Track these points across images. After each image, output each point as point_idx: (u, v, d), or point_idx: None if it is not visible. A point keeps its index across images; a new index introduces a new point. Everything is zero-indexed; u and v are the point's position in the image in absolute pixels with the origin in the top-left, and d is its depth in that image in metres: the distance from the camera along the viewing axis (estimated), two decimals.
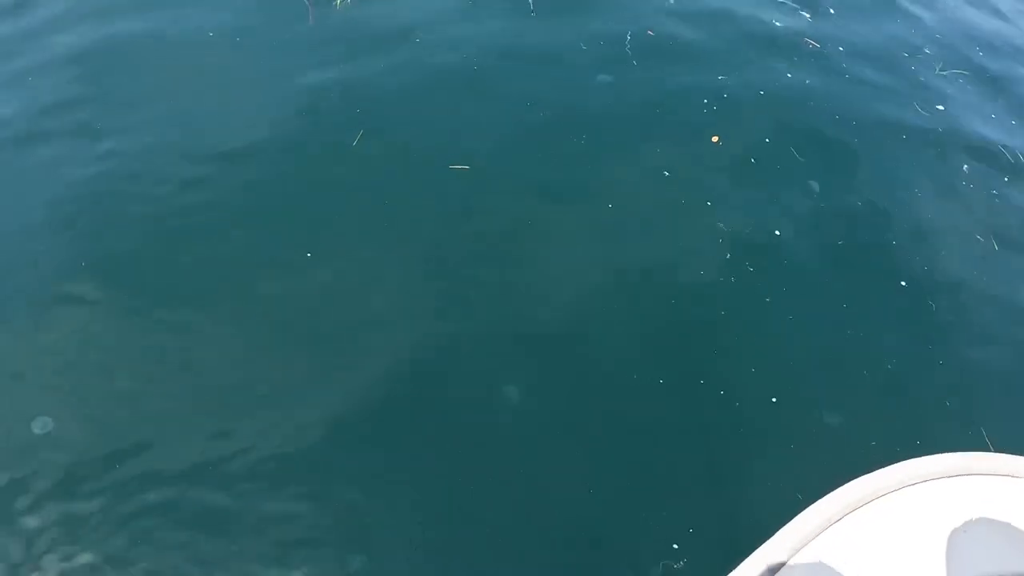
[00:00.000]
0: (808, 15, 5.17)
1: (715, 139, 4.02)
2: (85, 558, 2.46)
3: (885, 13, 5.45)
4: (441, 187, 3.64)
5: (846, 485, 1.85)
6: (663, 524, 2.72)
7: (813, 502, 1.81)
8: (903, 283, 3.65)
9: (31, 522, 2.52)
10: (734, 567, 1.72)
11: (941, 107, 4.70)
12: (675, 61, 4.54)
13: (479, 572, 2.59)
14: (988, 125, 4.69)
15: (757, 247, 3.62)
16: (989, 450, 3.06)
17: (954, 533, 1.77)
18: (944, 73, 4.99)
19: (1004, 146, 4.50)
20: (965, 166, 4.35)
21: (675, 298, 3.39)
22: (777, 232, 3.72)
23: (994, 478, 1.89)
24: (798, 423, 3.07)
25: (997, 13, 5.91)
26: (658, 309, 3.36)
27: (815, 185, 3.99)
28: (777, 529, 1.77)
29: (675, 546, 2.65)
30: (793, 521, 1.79)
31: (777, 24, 5.02)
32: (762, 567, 1.70)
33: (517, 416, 2.93)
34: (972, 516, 1.81)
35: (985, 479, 1.89)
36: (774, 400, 3.11)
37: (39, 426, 2.75)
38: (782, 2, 5.24)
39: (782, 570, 1.70)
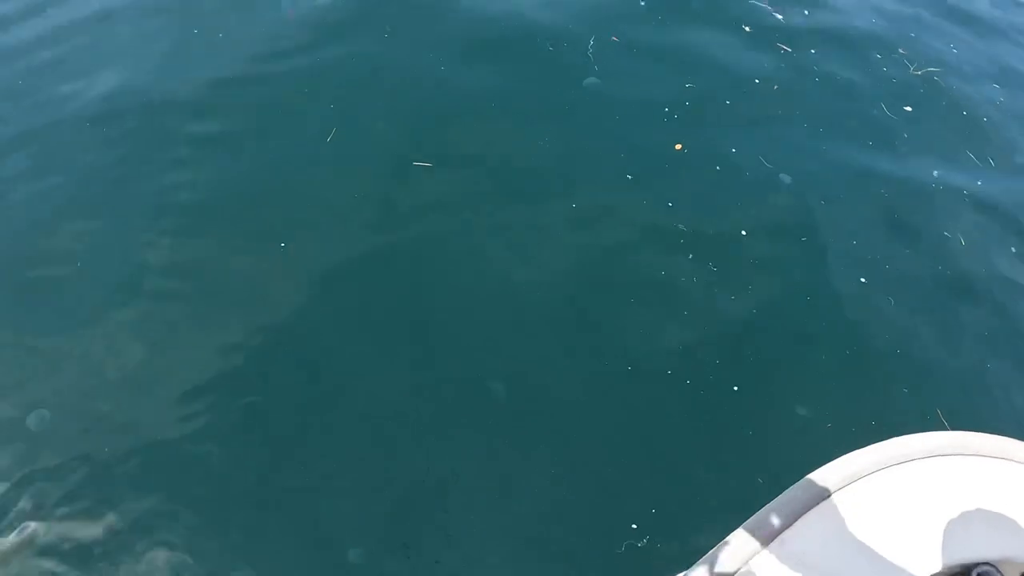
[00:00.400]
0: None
1: (678, 147, 4.18)
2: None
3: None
4: None
5: (827, 465, 1.87)
6: (626, 505, 2.89)
7: (774, 485, 1.84)
8: (863, 279, 3.78)
9: None
10: (696, 544, 1.82)
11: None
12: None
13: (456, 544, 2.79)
14: None
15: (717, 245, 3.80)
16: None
17: (936, 515, 1.79)
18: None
19: None
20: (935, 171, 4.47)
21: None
22: (743, 232, 3.88)
23: (978, 459, 1.91)
24: (759, 410, 3.22)
25: None
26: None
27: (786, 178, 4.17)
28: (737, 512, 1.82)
29: (634, 526, 2.83)
30: (776, 499, 1.81)
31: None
32: (742, 548, 1.71)
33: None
34: (954, 498, 1.82)
35: (967, 459, 1.91)
36: (736, 389, 3.27)
37: None
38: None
39: (768, 547, 1.72)
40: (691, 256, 3.71)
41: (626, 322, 3.44)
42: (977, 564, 1.56)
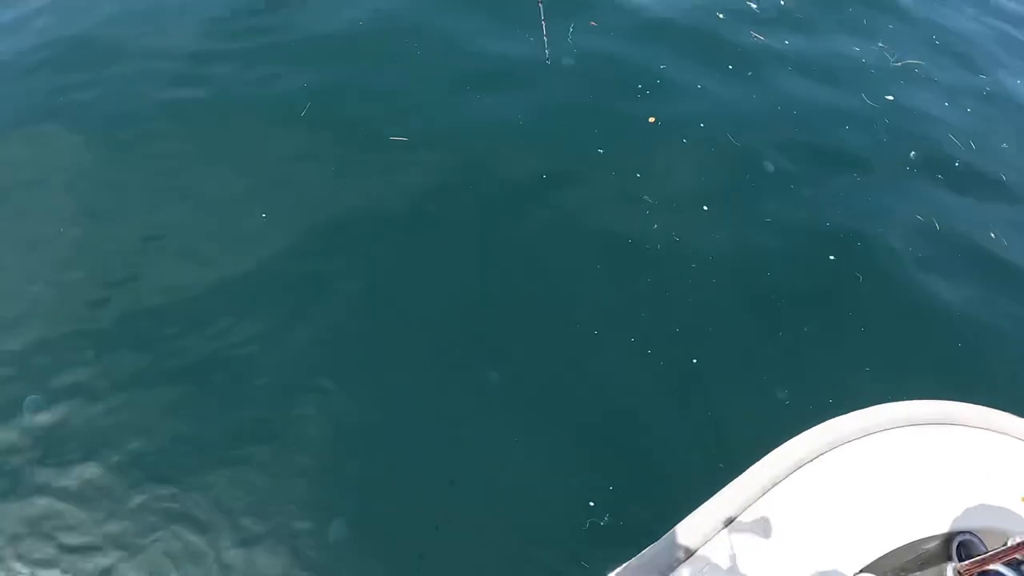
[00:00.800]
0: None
1: (652, 120, 4.10)
2: None
3: None
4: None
5: (810, 430, 1.89)
6: (585, 482, 2.74)
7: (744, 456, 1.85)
8: (831, 257, 3.67)
9: None
10: (657, 520, 1.73)
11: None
12: None
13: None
14: None
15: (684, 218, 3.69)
16: None
17: (919, 484, 1.80)
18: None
19: None
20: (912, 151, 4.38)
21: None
22: (705, 207, 3.78)
23: (961, 428, 1.93)
24: (717, 385, 3.09)
25: None
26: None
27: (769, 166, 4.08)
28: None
29: (591, 503, 2.68)
30: (764, 459, 1.83)
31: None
32: (730, 506, 1.72)
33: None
34: (938, 466, 1.84)
35: (951, 429, 1.92)
36: (695, 361, 3.14)
37: None
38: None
39: (745, 511, 1.73)
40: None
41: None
42: (959, 532, 1.58)
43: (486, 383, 2.96)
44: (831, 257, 3.66)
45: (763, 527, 1.69)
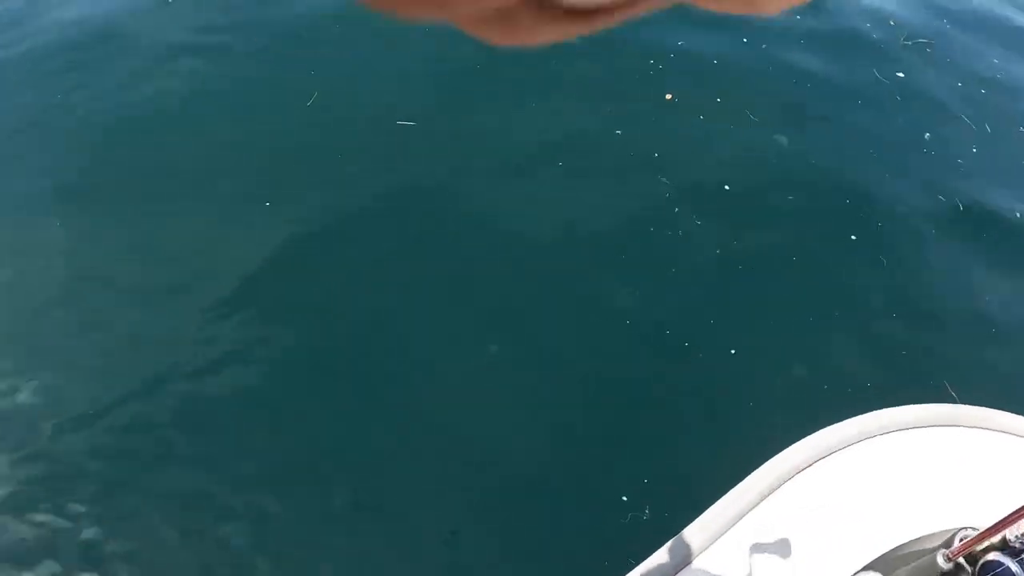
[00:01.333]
0: None
1: (669, 96, 4.00)
2: None
3: None
4: None
5: (815, 434, 1.87)
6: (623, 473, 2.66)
7: (777, 450, 1.82)
8: (853, 237, 3.62)
9: None
10: (695, 515, 1.72)
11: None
12: None
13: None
14: None
15: (706, 198, 3.61)
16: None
17: (922, 482, 1.80)
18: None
19: None
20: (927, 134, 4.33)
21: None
22: (727, 187, 3.70)
23: (963, 429, 1.92)
24: (758, 374, 3.02)
25: None
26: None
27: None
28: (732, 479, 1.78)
29: (624, 498, 2.60)
30: (764, 466, 1.81)
31: None
32: (729, 513, 1.72)
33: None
34: (940, 465, 1.84)
35: (953, 430, 1.91)
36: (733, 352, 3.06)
37: None
38: None
39: (746, 517, 1.72)
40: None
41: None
42: (961, 528, 1.57)
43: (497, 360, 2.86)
44: (852, 236, 3.62)
45: (763, 530, 1.70)
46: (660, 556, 1.68)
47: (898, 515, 1.75)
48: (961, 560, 1.50)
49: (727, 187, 3.69)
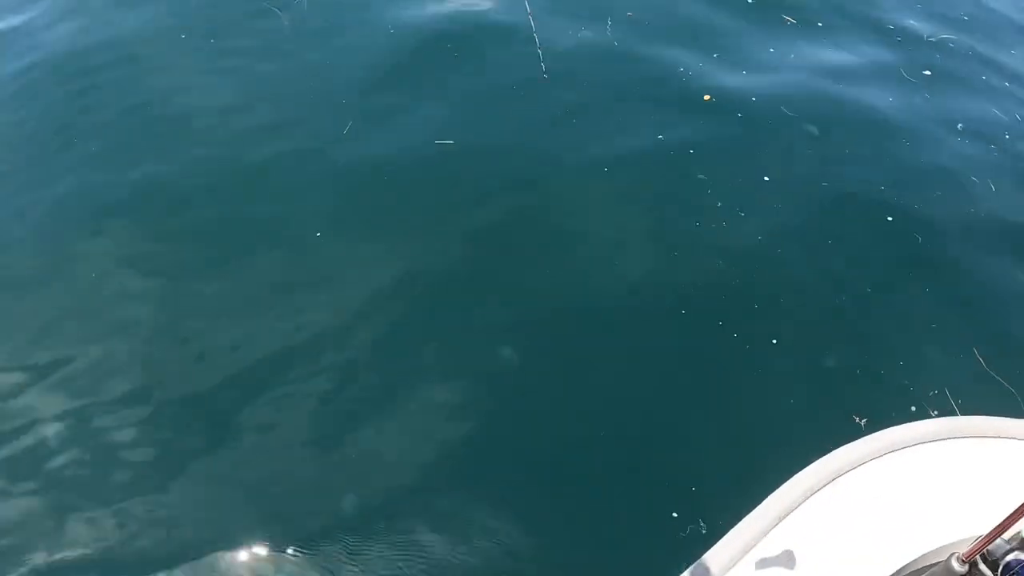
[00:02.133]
0: None
1: (707, 97, 4.28)
2: None
3: None
4: None
5: (829, 455, 1.92)
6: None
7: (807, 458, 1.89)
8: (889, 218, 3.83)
9: None
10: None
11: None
12: None
13: None
14: None
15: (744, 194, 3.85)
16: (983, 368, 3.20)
17: (936, 497, 1.83)
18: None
19: None
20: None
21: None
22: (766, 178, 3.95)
23: (976, 440, 1.96)
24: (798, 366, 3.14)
25: None
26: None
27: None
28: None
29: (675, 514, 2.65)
30: (777, 491, 1.85)
31: None
32: (745, 538, 1.75)
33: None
34: (961, 477, 1.87)
35: (966, 442, 1.96)
36: (774, 342, 3.20)
37: None
38: None
39: (763, 539, 1.76)
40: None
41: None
42: (976, 538, 1.55)
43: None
44: (889, 218, 3.83)
45: (780, 554, 1.73)
46: None
47: (911, 530, 1.77)
48: (980, 563, 1.47)
49: (766, 178, 3.93)
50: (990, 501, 1.77)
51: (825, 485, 1.85)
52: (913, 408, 3.03)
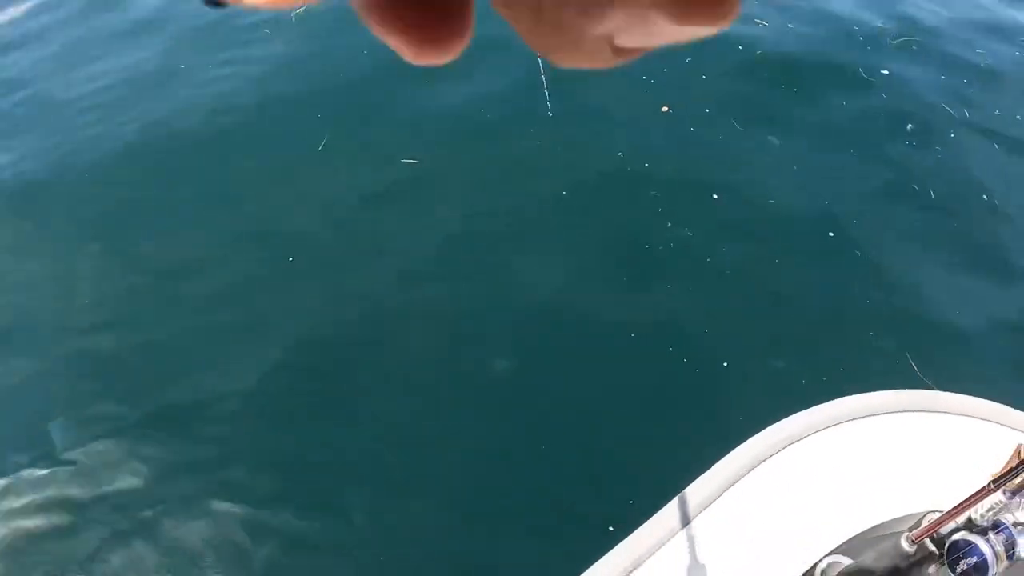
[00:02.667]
0: None
1: (665, 108, 4.42)
2: None
3: None
4: None
5: (780, 422, 1.92)
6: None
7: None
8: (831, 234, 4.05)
9: None
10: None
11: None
12: None
13: None
14: None
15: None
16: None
17: (898, 467, 1.84)
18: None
19: None
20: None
21: None
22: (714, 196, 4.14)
23: (926, 415, 1.96)
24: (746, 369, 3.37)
25: None
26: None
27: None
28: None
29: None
30: (726, 456, 1.85)
31: None
32: (693, 502, 1.75)
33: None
34: (917, 450, 1.88)
35: (918, 415, 1.96)
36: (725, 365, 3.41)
37: None
38: None
39: (714, 503, 1.75)
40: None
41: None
42: (929, 512, 1.55)
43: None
44: (830, 234, 4.04)
45: (729, 520, 1.73)
46: (624, 547, 1.69)
47: (865, 500, 1.77)
48: (928, 543, 1.47)
49: (715, 196, 4.13)
50: (942, 476, 1.80)
51: (775, 453, 1.85)
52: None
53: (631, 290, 3.68)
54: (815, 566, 1.69)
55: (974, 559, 1.35)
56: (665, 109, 4.47)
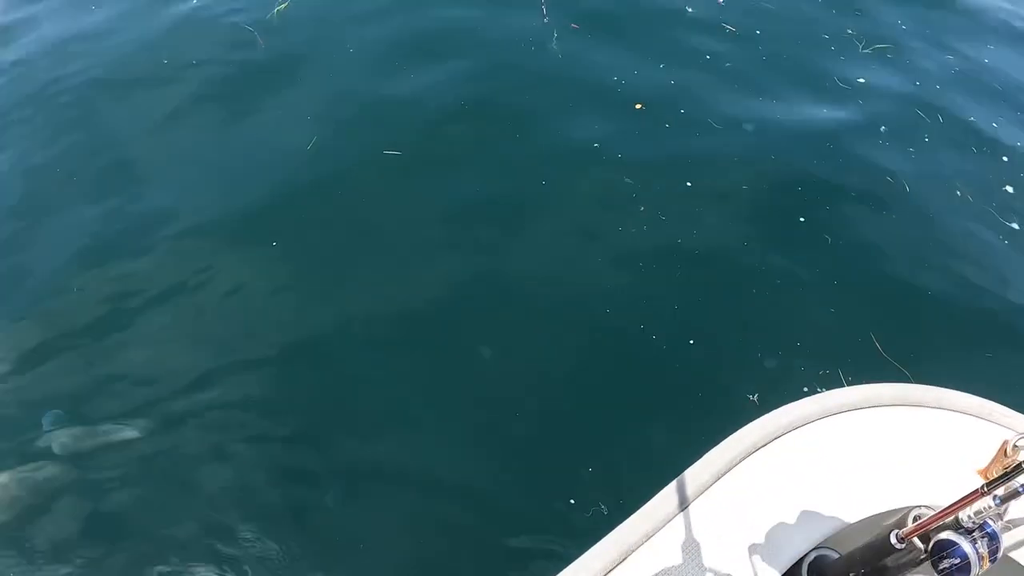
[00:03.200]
0: None
1: (638, 106, 4.58)
2: None
3: None
4: None
5: (773, 412, 1.93)
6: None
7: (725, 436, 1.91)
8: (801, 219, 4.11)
9: None
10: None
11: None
12: None
13: None
14: None
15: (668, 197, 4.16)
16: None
17: (876, 461, 1.85)
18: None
19: None
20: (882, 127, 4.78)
21: None
22: (688, 184, 4.24)
23: (900, 408, 1.97)
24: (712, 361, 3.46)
25: None
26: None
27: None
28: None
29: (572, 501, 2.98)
30: (718, 446, 1.85)
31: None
32: (685, 492, 1.75)
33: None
34: (894, 445, 1.89)
35: (906, 410, 1.97)
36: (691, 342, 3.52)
37: None
38: None
39: (698, 499, 1.75)
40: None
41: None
42: (916, 507, 1.56)
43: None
44: (801, 219, 4.10)
45: (720, 510, 1.74)
46: (608, 542, 1.71)
47: (852, 494, 1.77)
48: (915, 540, 1.48)
49: (688, 184, 4.23)
50: (928, 471, 1.81)
51: (761, 448, 1.85)
52: (805, 389, 3.34)
53: None
54: (802, 559, 1.71)
55: (957, 560, 1.38)
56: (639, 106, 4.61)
